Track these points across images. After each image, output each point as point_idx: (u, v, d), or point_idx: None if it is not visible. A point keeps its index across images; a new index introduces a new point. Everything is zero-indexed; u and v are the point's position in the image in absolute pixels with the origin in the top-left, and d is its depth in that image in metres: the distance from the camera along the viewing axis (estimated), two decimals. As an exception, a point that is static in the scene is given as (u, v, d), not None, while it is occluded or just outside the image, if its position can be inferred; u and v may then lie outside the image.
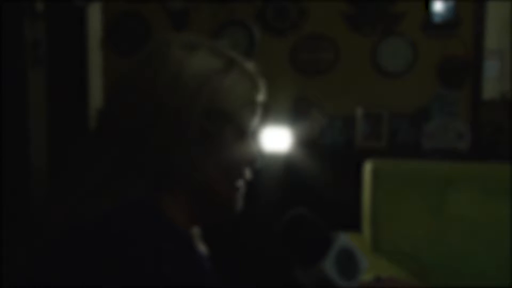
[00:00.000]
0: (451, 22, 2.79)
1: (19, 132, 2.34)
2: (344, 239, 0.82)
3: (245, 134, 0.81)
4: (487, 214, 2.18)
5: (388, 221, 2.24)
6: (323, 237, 0.81)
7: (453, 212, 2.20)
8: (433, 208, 2.22)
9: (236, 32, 2.85)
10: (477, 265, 2.12)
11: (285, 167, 2.67)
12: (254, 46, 2.85)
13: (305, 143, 2.77)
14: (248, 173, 0.84)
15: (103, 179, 0.73)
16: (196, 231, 0.88)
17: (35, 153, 2.40)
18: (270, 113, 2.77)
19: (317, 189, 2.66)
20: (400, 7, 2.82)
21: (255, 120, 0.83)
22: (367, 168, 2.34)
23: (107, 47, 2.93)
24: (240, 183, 0.83)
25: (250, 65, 0.82)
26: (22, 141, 2.34)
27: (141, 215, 0.71)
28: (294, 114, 2.82)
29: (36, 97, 2.41)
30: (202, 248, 0.87)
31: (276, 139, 2.68)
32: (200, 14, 2.87)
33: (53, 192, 0.81)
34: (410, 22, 2.83)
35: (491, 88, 2.97)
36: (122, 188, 0.73)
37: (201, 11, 2.87)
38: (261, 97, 0.83)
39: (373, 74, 2.87)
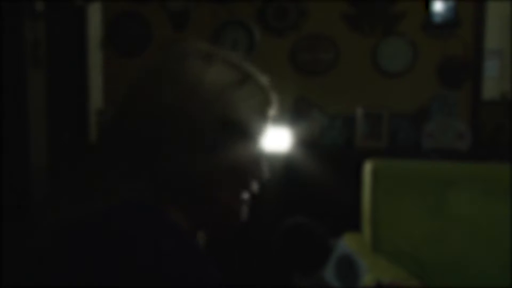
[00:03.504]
0: (451, 22, 2.80)
1: (19, 132, 2.34)
2: (343, 245, 0.82)
3: (256, 147, 0.82)
4: (487, 214, 2.18)
5: (388, 221, 2.24)
6: (322, 246, 0.81)
7: (453, 212, 2.20)
8: (433, 208, 2.22)
9: (236, 32, 2.85)
10: (477, 265, 2.12)
11: (285, 167, 2.67)
12: (254, 46, 2.85)
13: (305, 143, 2.77)
14: (254, 186, 0.84)
15: (112, 184, 0.74)
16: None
17: (35, 153, 2.40)
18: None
19: (317, 189, 2.66)
20: (400, 7, 2.82)
21: (265, 134, 0.84)
22: (367, 168, 2.34)
23: (107, 47, 2.93)
24: (246, 195, 0.83)
25: (264, 79, 0.83)
26: (22, 141, 2.34)
27: (142, 214, 0.71)
28: (294, 114, 2.82)
29: (36, 97, 2.41)
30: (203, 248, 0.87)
31: (276, 139, 2.68)
32: (200, 14, 2.87)
33: (54, 192, 0.81)
34: (410, 22, 2.83)
35: (491, 88, 2.97)
36: (128, 192, 0.73)
37: (201, 11, 2.87)
38: (272, 111, 0.84)
39: (373, 74, 2.87)
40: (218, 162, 0.77)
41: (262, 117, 0.82)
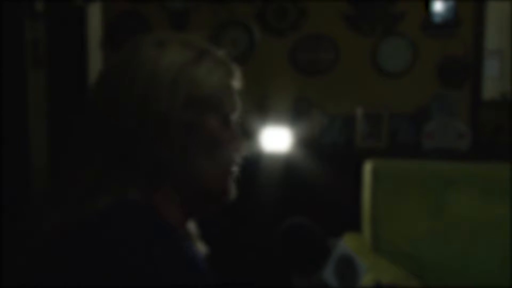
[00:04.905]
0: (451, 22, 2.79)
1: (19, 132, 2.34)
2: (343, 246, 0.82)
3: (228, 120, 0.83)
4: (487, 214, 2.18)
5: (388, 221, 2.24)
6: (321, 247, 0.82)
7: (453, 212, 2.20)
8: (433, 208, 2.22)
9: (236, 32, 2.85)
10: (477, 265, 2.12)
11: (285, 167, 2.67)
12: (254, 46, 2.85)
13: (305, 143, 2.77)
14: (237, 158, 0.85)
15: (96, 179, 0.74)
16: (194, 231, 0.88)
17: (35, 153, 2.40)
18: (270, 113, 2.78)
19: (317, 189, 2.66)
20: (400, 7, 2.82)
21: (236, 107, 0.85)
22: (367, 168, 2.34)
23: (107, 47, 2.93)
24: (231, 169, 0.84)
25: (221, 53, 0.84)
26: (22, 141, 2.34)
27: (134, 216, 0.71)
28: (294, 114, 2.82)
29: (36, 97, 2.41)
30: (201, 248, 0.87)
31: (276, 139, 2.68)
32: (200, 14, 2.87)
33: (51, 193, 0.81)
34: (410, 22, 2.83)
35: (491, 88, 2.97)
36: (116, 188, 0.73)
37: (201, 11, 2.87)
38: (236, 83, 0.85)
39: (373, 74, 2.87)
40: (196, 140, 0.78)
41: (227, 90, 0.83)
